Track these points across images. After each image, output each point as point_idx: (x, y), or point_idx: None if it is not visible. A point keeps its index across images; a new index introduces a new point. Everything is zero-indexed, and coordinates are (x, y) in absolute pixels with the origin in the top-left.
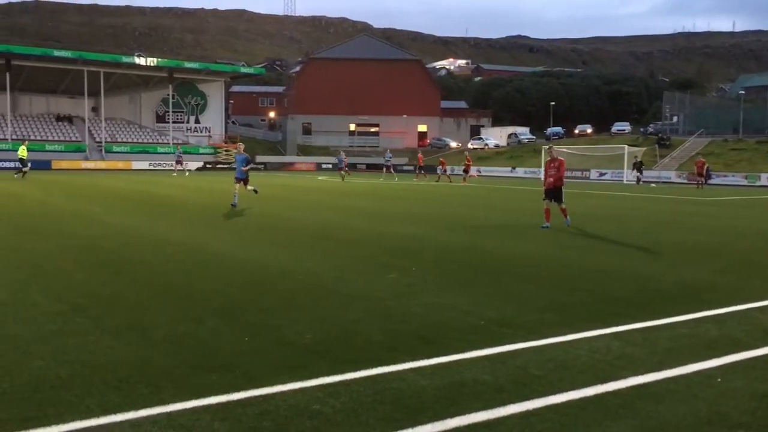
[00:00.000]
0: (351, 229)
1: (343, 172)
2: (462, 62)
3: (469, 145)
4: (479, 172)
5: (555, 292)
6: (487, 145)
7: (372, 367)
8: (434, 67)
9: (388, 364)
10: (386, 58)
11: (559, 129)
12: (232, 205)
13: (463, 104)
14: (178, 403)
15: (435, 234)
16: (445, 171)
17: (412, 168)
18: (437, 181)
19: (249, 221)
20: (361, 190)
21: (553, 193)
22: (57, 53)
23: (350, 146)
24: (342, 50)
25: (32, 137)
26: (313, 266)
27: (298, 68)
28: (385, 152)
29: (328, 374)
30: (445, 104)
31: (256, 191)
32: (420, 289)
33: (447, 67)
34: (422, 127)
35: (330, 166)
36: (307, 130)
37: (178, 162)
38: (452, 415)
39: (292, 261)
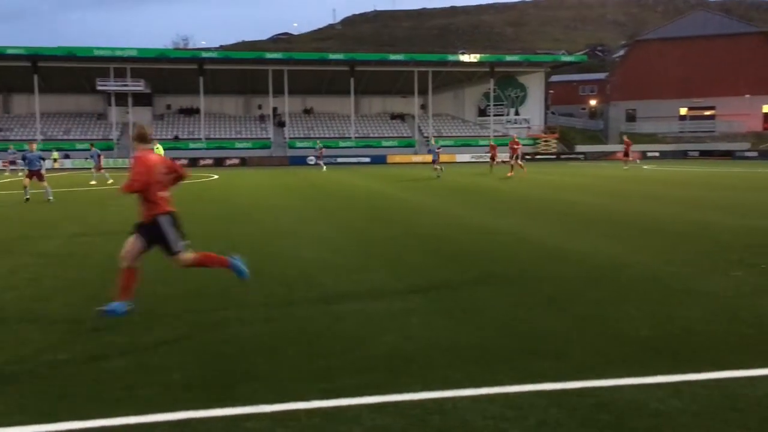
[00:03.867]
0: (680, 220)
1: (436, 166)
2: None
3: None
4: None
5: None
6: None
7: (718, 370)
8: None
9: (736, 368)
10: (725, 33)
11: None
12: (48, 199)
13: None
14: (514, 385)
15: None
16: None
17: (756, 154)
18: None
19: (574, 211)
20: (678, 179)
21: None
22: (392, 57)
23: (680, 132)
24: (673, 29)
25: (371, 135)
26: (644, 259)
27: (621, 52)
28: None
29: (668, 372)
30: None
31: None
32: None
33: None
34: None
35: (657, 154)
36: (631, 117)
37: (319, 157)
38: None
39: (622, 253)
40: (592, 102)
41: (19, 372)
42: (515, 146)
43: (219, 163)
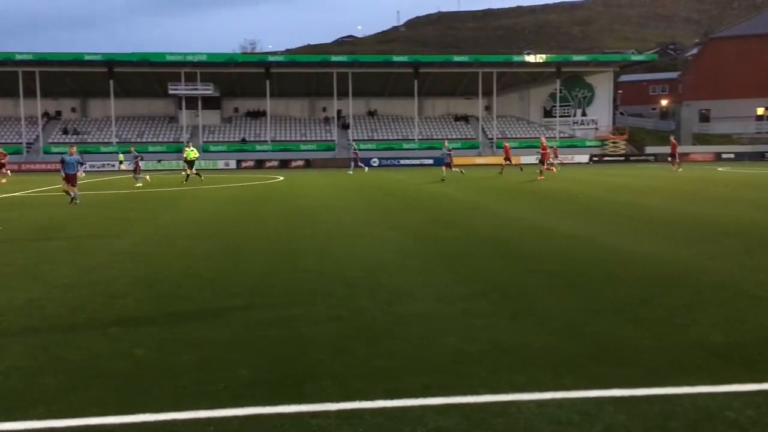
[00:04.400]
0: (759, 223)
1: (455, 169)
2: None
3: None
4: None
5: None
6: None
7: None
8: None
9: None
10: None
11: None
12: (75, 201)
13: None
14: (581, 390)
15: None
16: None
17: None
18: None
19: (643, 214)
20: (755, 181)
21: None
22: (456, 59)
23: (757, 133)
24: (749, 26)
25: (435, 137)
26: (718, 264)
27: (695, 51)
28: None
29: (742, 381)
30: None
31: (75, 200)
32: None
33: None
34: None
35: (732, 156)
36: (704, 117)
37: (355, 160)
38: None
39: (694, 257)
40: (664, 102)
41: (97, 365)
42: (544, 151)
43: (284, 164)
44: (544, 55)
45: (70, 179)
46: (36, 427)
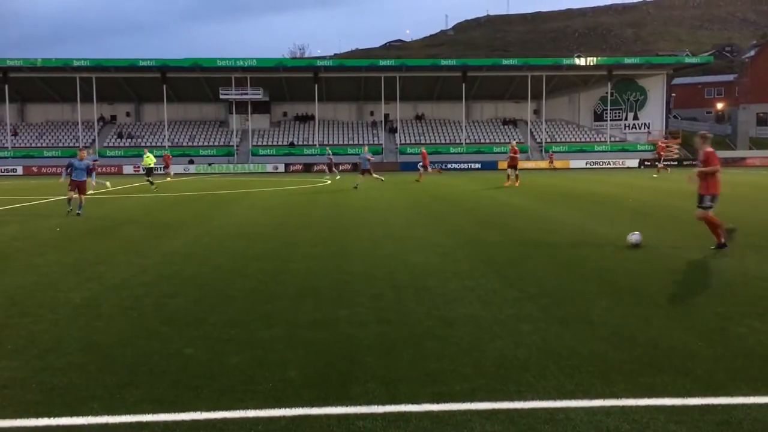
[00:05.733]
0: None
1: (367, 175)
2: None
3: None
4: None
5: None
6: None
7: None
8: None
9: None
10: None
11: None
12: (77, 213)
13: None
14: (631, 398)
15: None
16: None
17: None
18: (417, 180)
19: (689, 219)
20: None
21: None
22: (505, 62)
23: None
24: None
25: (482, 141)
26: None
27: (752, 52)
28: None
29: None
30: None
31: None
32: None
33: None
34: None
35: None
36: (762, 121)
37: (329, 165)
38: None
39: (752, 265)
40: (719, 105)
41: (148, 364)
42: (514, 155)
43: (332, 168)
44: (594, 58)
45: (79, 186)
46: (92, 423)
